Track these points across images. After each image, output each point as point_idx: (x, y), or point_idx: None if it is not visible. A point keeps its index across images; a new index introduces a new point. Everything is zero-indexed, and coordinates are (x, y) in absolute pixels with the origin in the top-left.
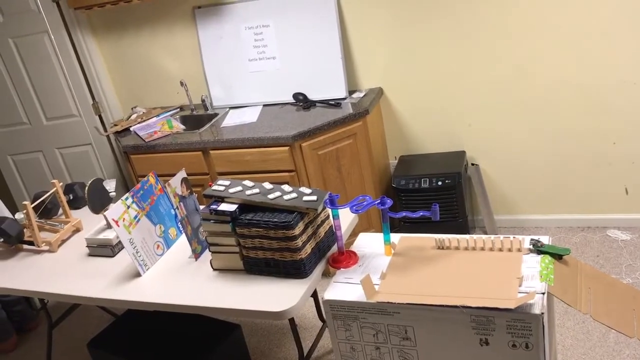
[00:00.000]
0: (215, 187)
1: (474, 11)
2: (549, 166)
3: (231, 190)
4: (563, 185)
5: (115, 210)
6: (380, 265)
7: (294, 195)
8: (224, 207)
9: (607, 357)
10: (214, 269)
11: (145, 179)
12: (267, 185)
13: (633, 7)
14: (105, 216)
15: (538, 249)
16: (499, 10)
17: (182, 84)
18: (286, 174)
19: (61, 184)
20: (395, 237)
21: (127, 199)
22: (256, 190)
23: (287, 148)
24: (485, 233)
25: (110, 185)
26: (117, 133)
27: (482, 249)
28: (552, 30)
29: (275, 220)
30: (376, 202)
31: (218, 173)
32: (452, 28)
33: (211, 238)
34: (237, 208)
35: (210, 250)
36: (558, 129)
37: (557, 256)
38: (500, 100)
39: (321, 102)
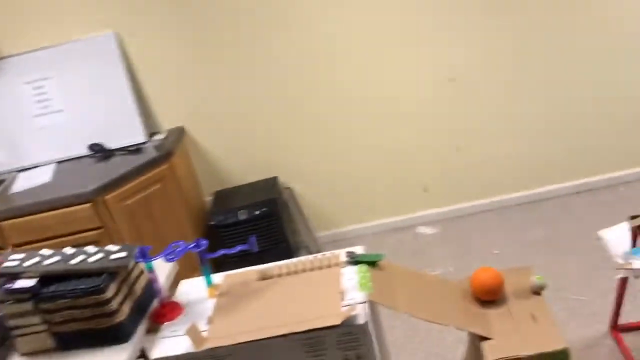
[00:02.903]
0: (6, 264)
1: (265, 41)
2: (355, 177)
3: (27, 264)
4: (371, 193)
5: None
6: (206, 310)
7: (100, 255)
8: (20, 284)
9: (435, 346)
10: (22, 355)
11: None
12: (69, 250)
13: (406, 25)
14: None
15: (354, 259)
16: (289, 39)
17: None
18: (94, 232)
19: None
20: (218, 277)
21: None
22: (56, 258)
23: (89, 205)
24: (311, 252)
25: None
26: None
27: (304, 270)
28: (338, 54)
29: (82, 286)
30: (191, 246)
31: (15, 245)
32: (245, 59)
33: (13, 321)
34: (37, 282)
35: (13, 335)
36: (357, 142)
37: (373, 263)
38: (302, 122)
39: (120, 149)
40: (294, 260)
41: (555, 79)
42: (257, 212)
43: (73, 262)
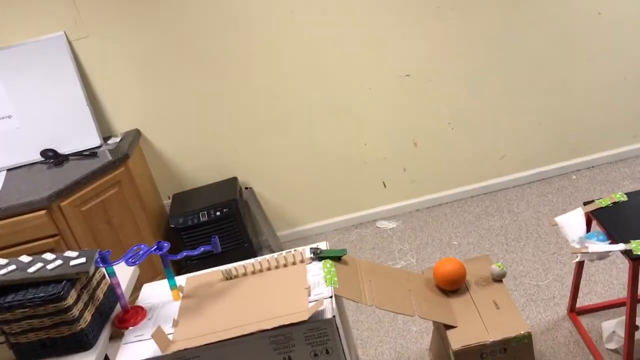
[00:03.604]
0: None
1: (220, 40)
2: (315, 175)
3: None
4: (331, 190)
5: None
6: (170, 313)
7: (58, 262)
8: None
9: (400, 338)
10: None
11: None
12: (25, 259)
13: (357, 23)
14: None
15: (319, 255)
16: (244, 39)
17: None
18: (50, 239)
19: None
20: (181, 280)
21: None
22: (12, 267)
23: (44, 212)
24: (273, 251)
25: None
26: None
27: (269, 268)
28: (292, 53)
29: (42, 294)
30: (153, 249)
31: None
32: (199, 60)
33: None
34: None
35: None
36: (315, 140)
37: (337, 258)
38: (259, 122)
39: (74, 154)
40: (258, 258)
41: (507, 72)
42: (218, 213)
43: (31, 270)
